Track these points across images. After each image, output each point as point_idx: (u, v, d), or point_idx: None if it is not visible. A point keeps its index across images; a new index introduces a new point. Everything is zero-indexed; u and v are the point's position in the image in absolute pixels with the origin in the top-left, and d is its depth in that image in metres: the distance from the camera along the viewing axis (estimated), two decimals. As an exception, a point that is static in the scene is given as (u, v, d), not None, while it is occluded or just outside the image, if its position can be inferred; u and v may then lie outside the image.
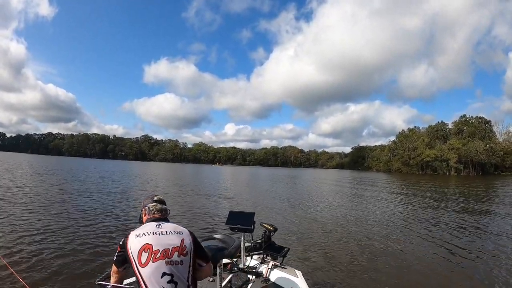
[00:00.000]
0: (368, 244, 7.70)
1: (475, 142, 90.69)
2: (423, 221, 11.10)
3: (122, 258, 1.94)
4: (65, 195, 13.63)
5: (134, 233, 1.97)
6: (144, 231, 1.97)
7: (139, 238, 1.93)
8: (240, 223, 3.47)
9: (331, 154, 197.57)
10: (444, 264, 6.33)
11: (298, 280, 3.31)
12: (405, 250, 7.30)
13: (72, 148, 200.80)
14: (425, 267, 6.15)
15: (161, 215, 2.17)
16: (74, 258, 5.67)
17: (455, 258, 6.73)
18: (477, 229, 9.95)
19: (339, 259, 6.51)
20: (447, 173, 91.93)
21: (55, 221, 8.53)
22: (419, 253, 7.01)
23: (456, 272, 5.91)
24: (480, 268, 6.17)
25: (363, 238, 8.31)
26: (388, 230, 9.41)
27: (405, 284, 5.26)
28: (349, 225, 10.14)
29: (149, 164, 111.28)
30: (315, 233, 8.90)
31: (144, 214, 2.20)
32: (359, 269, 5.90)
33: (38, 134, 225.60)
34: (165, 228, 2.02)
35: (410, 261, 6.47)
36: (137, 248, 1.88)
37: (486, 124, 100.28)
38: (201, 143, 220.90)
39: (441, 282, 5.41)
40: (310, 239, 8.14)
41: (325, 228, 9.55)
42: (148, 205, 2.20)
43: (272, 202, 15.95)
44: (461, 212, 13.66)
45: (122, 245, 1.94)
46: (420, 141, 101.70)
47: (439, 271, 5.89)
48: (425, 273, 5.77)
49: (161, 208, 2.20)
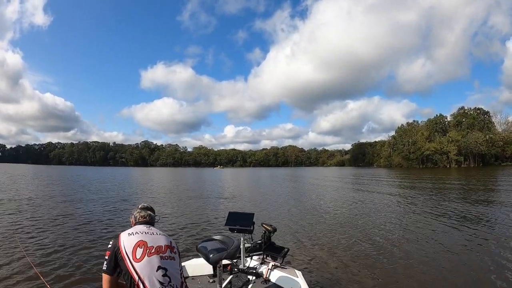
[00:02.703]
0: (369, 243, 7.65)
1: (474, 133, 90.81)
2: (425, 217, 11.01)
3: (114, 262, 1.97)
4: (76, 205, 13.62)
5: (127, 232, 2.10)
6: (136, 230, 2.11)
7: (132, 236, 2.03)
8: (239, 224, 3.48)
9: (331, 152, 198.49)
10: (448, 266, 6.06)
11: (298, 280, 3.30)
12: (407, 249, 7.20)
13: (73, 157, 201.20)
14: (430, 266, 6.02)
15: (145, 219, 2.31)
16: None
17: (460, 256, 6.58)
18: (481, 220, 9.91)
19: (340, 259, 6.48)
20: (448, 166, 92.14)
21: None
22: (422, 252, 6.87)
23: (460, 271, 5.80)
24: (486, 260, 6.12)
25: (364, 237, 8.25)
26: (389, 229, 9.30)
27: (407, 283, 5.19)
28: (349, 224, 10.06)
29: (150, 169, 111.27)
30: (315, 233, 8.86)
31: (132, 222, 2.37)
32: (359, 268, 5.86)
33: (38, 144, 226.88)
34: (154, 230, 2.18)
35: (411, 261, 6.34)
36: (131, 244, 1.97)
37: (484, 115, 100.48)
38: (201, 146, 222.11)
39: (445, 282, 5.26)
40: (310, 239, 8.11)
41: (325, 228, 9.50)
42: (134, 213, 2.38)
43: (271, 202, 15.97)
44: (464, 203, 13.55)
45: (112, 247, 2.01)
46: (420, 135, 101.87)
47: (443, 273, 5.76)
48: (429, 273, 5.66)
49: (145, 214, 2.36)
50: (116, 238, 2.05)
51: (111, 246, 2.02)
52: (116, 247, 1.98)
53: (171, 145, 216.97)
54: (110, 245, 2.03)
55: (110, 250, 2.00)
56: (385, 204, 14.71)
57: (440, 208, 12.78)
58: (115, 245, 2.00)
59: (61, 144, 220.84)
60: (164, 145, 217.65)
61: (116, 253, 1.96)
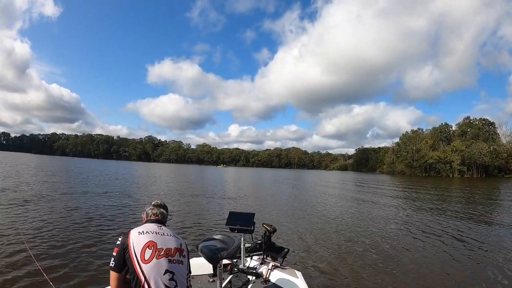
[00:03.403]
0: (368, 245, 7.73)
1: (479, 144, 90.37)
2: (424, 223, 11.13)
3: (122, 259, 1.92)
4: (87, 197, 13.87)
5: (137, 230, 2.03)
6: (146, 229, 2.05)
7: (142, 235, 1.97)
8: (240, 223, 3.48)
9: (334, 156, 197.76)
10: (442, 269, 6.26)
11: (298, 281, 3.31)
12: (406, 252, 7.29)
13: (76, 149, 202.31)
14: (427, 270, 6.13)
15: (157, 218, 2.24)
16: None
17: (455, 265, 6.63)
18: (488, 231, 10.00)
19: (340, 259, 6.55)
20: (451, 175, 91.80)
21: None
22: (421, 255, 7.00)
23: (456, 276, 5.90)
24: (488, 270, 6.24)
25: (363, 240, 8.34)
26: (389, 232, 9.49)
27: (408, 284, 5.31)
28: (349, 226, 10.16)
29: (153, 165, 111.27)
30: (315, 233, 8.95)
31: (143, 218, 2.31)
32: (359, 269, 5.95)
33: (42, 134, 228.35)
34: (165, 231, 2.12)
35: (410, 263, 6.41)
36: (141, 244, 1.92)
37: (490, 126, 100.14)
38: (205, 144, 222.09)
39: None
40: (310, 240, 8.18)
41: (325, 229, 9.60)
42: (146, 209, 2.32)
43: (273, 202, 16.13)
44: (465, 217, 13.47)
45: (121, 244, 1.95)
46: (424, 143, 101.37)
47: (441, 274, 5.90)
48: (427, 276, 5.75)
49: (158, 212, 2.28)
50: (126, 236, 1.98)
51: (120, 243, 1.96)
52: (125, 245, 1.93)
53: (175, 141, 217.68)
54: (119, 242, 1.97)
55: (118, 248, 1.94)
56: (387, 209, 14.86)
57: (442, 219, 12.65)
58: (124, 243, 1.94)
59: (66, 135, 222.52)
60: (168, 141, 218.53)
61: (124, 252, 1.92)
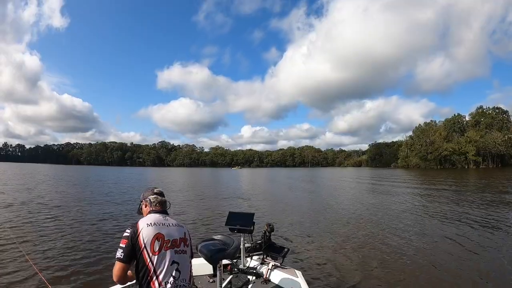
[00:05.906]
0: (370, 244, 7.60)
1: (493, 133, 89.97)
2: (433, 222, 10.73)
3: (131, 250, 1.92)
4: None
5: (144, 221, 2.03)
6: (153, 220, 2.05)
7: (151, 227, 1.99)
8: (239, 223, 3.49)
9: (348, 153, 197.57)
10: (447, 266, 6.06)
11: (298, 281, 3.29)
12: (413, 251, 7.06)
13: (91, 157, 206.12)
14: (435, 269, 5.87)
15: (162, 207, 2.24)
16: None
17: (465, 260, 6.46)
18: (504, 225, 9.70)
19: (340, 259, 6.49)
20: (466, 167, 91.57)
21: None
22: (424, 256, 6.68)
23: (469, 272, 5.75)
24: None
25: (365, 238, 8.20)
26: (394, 231, 9.16)
27: (411, 284, 5.24)
28: (351, 225, 9.98)
29: (167, 169, 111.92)
30: (315, 233, 8.86)
31: (145, 205, 2.25)
32: (359, 269, 5.84)
33: (57, 144, 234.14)
34: (170, 221, 2.15)
35: (411, 263, 6.19)
36: (150, 236, 1.95)
37: (503, 114, 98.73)
38: (218, 146, 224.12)
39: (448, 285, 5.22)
40: (310, 240, 8.10)
41: (325, 229, 9.47)
42: (149, 197, 2.24)
43: (274, 203, 16.20)
44: (486, 206, 13.17)
45: (130, 236, 1.94)
46: (437, 135, 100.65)
47: (447, 274, 5.68)
48: (434, 275, 5.58)
49: (161, 200, 2.25)
50: (134, 227, 1.98)
51: (129, 234, 1.94)
52: (135, 237, 1.93)
53: (188, 145, 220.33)
54: (128, 234, 1.95)
55: (127, 239, 1.93)
56: (392, 206, 14.27)
57: (459, 211, 12.31)
58: (134, 234, 1.94)
59: (79, 145, 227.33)
60: (181, 146, 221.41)
61: (134, 243, 1.92)
